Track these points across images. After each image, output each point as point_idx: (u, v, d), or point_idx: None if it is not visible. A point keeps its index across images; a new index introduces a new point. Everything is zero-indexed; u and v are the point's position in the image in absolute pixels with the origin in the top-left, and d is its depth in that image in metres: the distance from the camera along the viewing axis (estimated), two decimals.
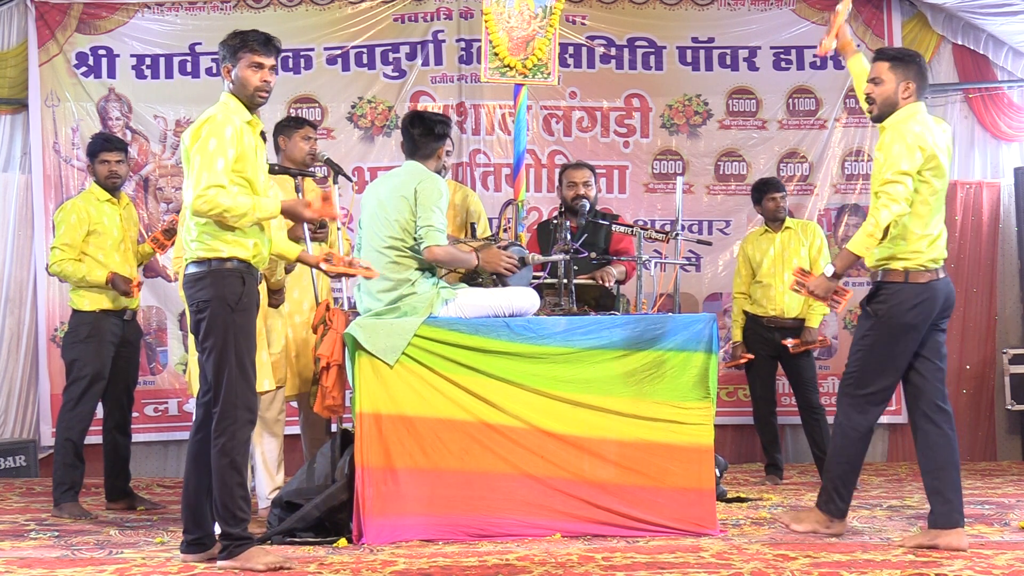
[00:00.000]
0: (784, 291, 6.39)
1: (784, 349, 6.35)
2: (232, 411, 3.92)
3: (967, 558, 4.00)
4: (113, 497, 5.66)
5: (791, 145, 7.51)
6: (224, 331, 3.93)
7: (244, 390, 3.95)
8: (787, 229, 6.49)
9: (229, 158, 3.92)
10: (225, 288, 3.94)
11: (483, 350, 4.55)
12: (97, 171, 5.67)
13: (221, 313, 3.93)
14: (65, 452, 5.42)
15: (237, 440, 3.93)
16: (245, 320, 3.99)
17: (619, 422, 4.58)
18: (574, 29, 7.36)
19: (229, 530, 3.93)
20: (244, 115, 4.05)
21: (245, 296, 3.97)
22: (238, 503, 3.94)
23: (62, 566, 4.07)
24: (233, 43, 4.06)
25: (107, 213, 5.59)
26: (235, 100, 4.06)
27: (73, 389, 5.48)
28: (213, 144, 3.90)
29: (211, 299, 3.94)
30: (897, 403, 7.38)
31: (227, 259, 3.96)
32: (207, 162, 3.89)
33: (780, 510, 5.09)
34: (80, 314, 5.53)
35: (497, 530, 4.48)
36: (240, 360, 3.94)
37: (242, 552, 3.93)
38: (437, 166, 4.80)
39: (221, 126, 3.93)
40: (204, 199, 3.86)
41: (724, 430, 7.02)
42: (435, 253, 4.55)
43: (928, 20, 7.49)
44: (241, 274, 3.98)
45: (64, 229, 5.50)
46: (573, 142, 7.44)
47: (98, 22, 7.22)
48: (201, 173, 3.89)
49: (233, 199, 3.89)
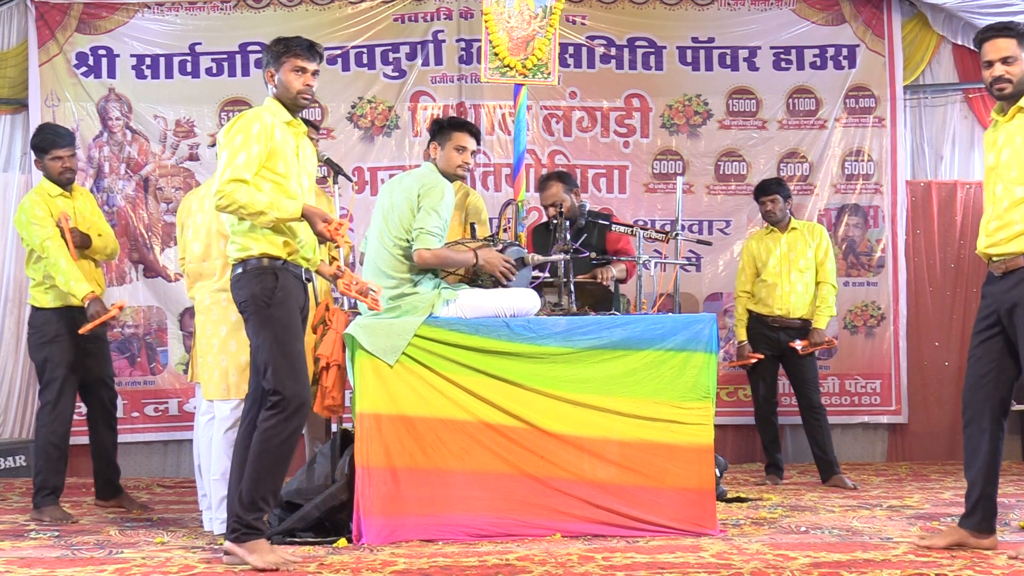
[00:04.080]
0: (790, 291, 6.39)
1: (787, 348, 6.36)
2: (281, 401, 3.95)
3: (967, 558, 4.00)
4: (104, 495, 5.61)
5: (791, 145, 7.51)
6: (263, 327, 3.99)
7: (291, 384, 3.97)
8: (793, 230, 6.48)
9: (253, 154, 3.96)
10: (258, 286, 4.00)
11: (483, 350, 4.55)
12: (49, 167, 5.43)
13: (258, 311, 4.00)
14: (48, 455, 5.32)
15: (284, 432, 3.96)
16: (283, 314, 4.01)
17: (619, 422, 4.58)
18: (574, 29, 7.36)
19: (244, 515, 3.94)
20: (283, 116, 4.11)
21: (280, 291, 4.00)
22: (263, 494, 3.95)
23: (62, 566, 4.07)
24: (277, 48, 4.13)
25: (60, 208, 5.40)
26: (277, 103, 4.14)
27: (49, 391, 5.35)
28: (239, 140, 3.97)
29: (248, 298, 4.01)
30: (897, 403, 7.41)
31: (258, 257, 4.02)
32: (230, 157, 3.96)
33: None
34: (42, 312, 5.38)
35: (497, 530, 4.48)
36: (284, 353, 3.98)
37: (249, 541, 3.93)
38: (448, 167, 4.77)
39: (250, 122, 4.00)
40: (222, 193, 3.93)
41: (724, 430, 7.03)
42: (423, 256, 4.56)
43: (928, 20, 7.49)
44: (274, 270, 4.02)
45: (38, 224, 5.29)
46: (573, 142, 7.44)
47: (98, 22, 7.23)
48: (224, 168, 3.96)
49: (251, 196, 3.92)
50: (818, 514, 5.12)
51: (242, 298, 4.05)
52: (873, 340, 7.43)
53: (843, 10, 7.51)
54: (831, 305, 6.44)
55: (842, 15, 7.52)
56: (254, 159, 3.97)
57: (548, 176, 6.00)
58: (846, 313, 7.43)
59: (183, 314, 7.08)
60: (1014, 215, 4.03)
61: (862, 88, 7.50)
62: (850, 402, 7.42)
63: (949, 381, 7.34)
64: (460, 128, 4.82)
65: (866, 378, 7.43)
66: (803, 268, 6.41)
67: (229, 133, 4.01)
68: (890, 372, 7.42)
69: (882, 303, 7.45)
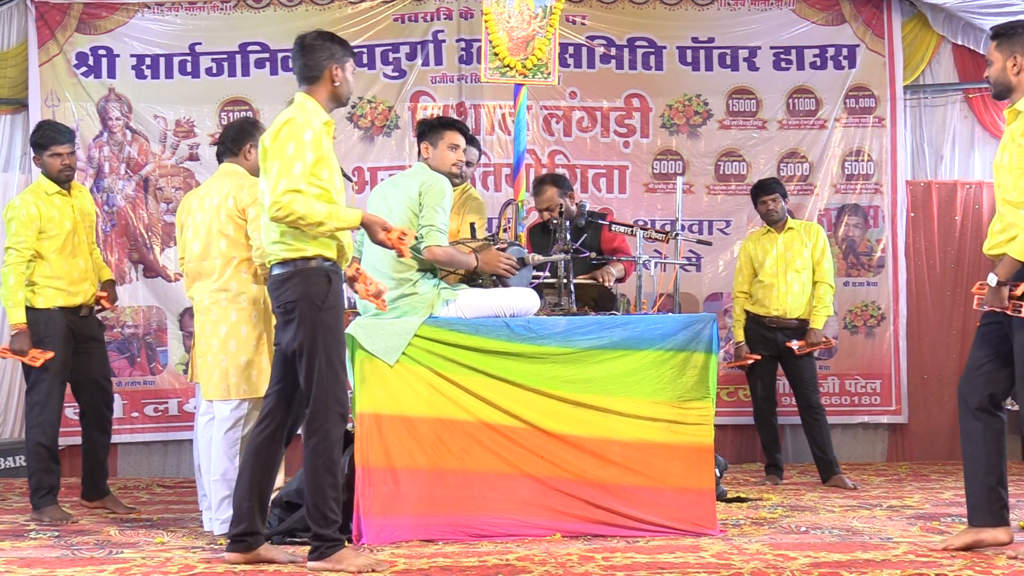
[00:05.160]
0: (787, 291, 6.40)
1: (785, 349, 6.36)
2: (324, 410, 3.91)
3: (967, 558, 4.00)
4: (90, 496, 5.58)
5: (791, 145, 7.51)
6: (313, 331, 3.90)
7: (335, 388, 3.92)
8: (790, 230, 6.48)
9: (308, 162, 3.87)
10: (311, 287, 3.91)
11: (483, 350, 4.55)
12: (48, 164, 5.40)
13: (309, 313, 3.90)
14: (39, 456, 5.30)
15: (330, 439, 3.91)
16: (332, 318, 3.95)
17: (619, 422, 4.58)
18: (574, 29, 7.36)
19: (320, 531, 3.89)
20: (322, 116, 4.03)
21: (331, 295, 3.94)
22: (329, 504, 3.90)
23: (62, 566, 4.07)
24: (344, 47, 4.08)
25: (57, 207, 5.38)
26: (312, 101, 4.04)
27: (37, 392, 5.32)
28: (292, 148, 3.86)
29: (298, 299, 3.90)
30: (897, 403, 7.41)
31: (312, 258, 3.93)
32: (285, 167, 3.84)
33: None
34: (31, 312, 5.31)
35: (497, 530, 4.48)
36: (330, 359, 3.92)
37: (333, 554, 3.89)
38: (442, 167, 4.79)
39: (301, 129, 3.89)
40: (279, 205, 3.82)
41: (724, 430, 7.02)
42: (435, 253, 4.56)
43: (928, 20, 7.49)
44: (327, 272, 3.95)
45: (16, 227, 5.27)
46: (573, 142, 7.44)
47: (98, 22, 7.22)
48: (279, 179, 3.84)
49: (308, 206, 3.83)
50: (818, 514, 5.12)
51: (290, 299, 3.92)
52: (873, 340, 7.43)
53: (843, 10, 7.51)
54: (828, 305, 6.44)
55: (842, 15, 7.52)
56: (308, 168, 3.87)
57: (542, 179, 5.99)
58: (846, 313, 7.43)
59: (183, 314, 7.07)
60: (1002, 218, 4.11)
61: (862, 88, 7.50)
62: (850, 402, 7.42)
63: (949, 381, 7.33)
64: (451, 127, 4.83)
65: (866, 378, 7.43)
66: (799, 268, 6.41)
67: (278, 140, 3.88)
68: (890, 372, 7.42)
69: (882, 303, 7.44)
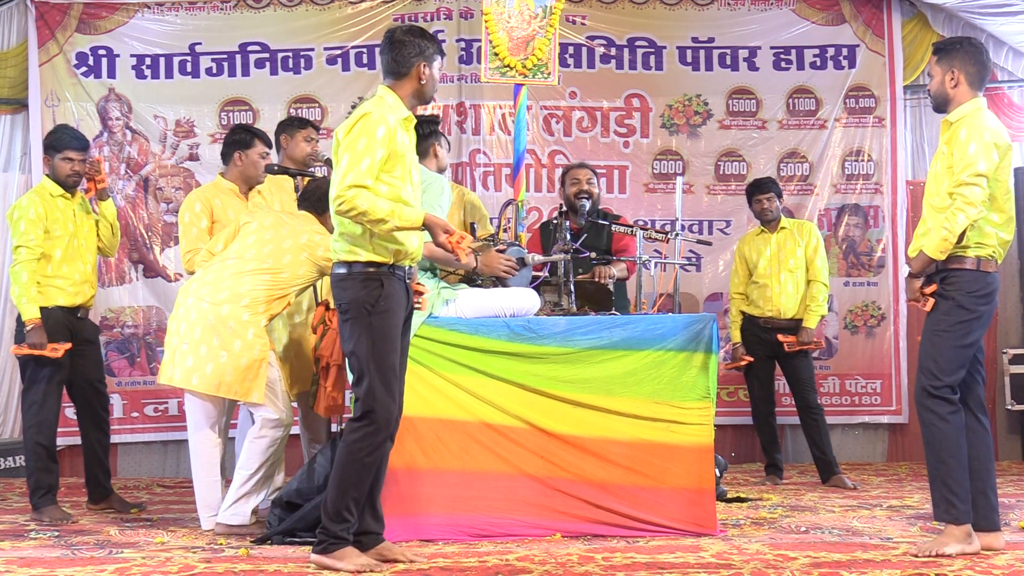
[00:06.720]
0: (780, 291, 6.40)
1: (781, 349, 6.36)
2: (369, 413, 3.89)
3: (967, 558, 4.00)
4: (95, 499, 5.57)
5: (791, 145, 7.51)
6: (361, 334, 3.88)
7: (382, 394, 3.89)
8: (783, 229, 6.49)
9: (377, 158, 3.84)
10: (362, 291, 3.89)
11: (483, 350, 4.55)
12: (57, 167, 5.40)
13: (359, 316, 3.89)
14: (38, 456, 5.29)
15: (368, 443, 3.89)
16: (383, 323, 3.91)
17: (619, 422, 4.58)
18: (574, 29, 7.36)
19: (330, 527, 3.91)
20: (400, 112, 3.98)
21: (383, 300, 3.90)
22: (348, 504, 3.90)
23: (62, 566, 4.07)
24: (434, 44, 4.05)
25: (60, 208, 5.38)
26: (394, 96, 4.00)
27: (34, 391, 5.30)
28: (362, 143, 3.83)
29: (350, 301, 3.90)
30: (897, 403, 7.41)
31: (366, 263, 3.91)
32: (353, 161, 3.82)
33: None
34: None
35: (497, 530, 4.48)
36: (379, 363, 3.89)
37: (337, 550, 3.90)
38: (436, 165, 4.83)
39: (374, 125, 3.85)
40: (343, 199, 3.80)
41: (724, 430, 7.02)
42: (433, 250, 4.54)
43: (928, 20, 7.49)
44: (380, 277, 3.91)
45: (25, 226, 5.26)
46: (573, 142, 7.44)
47: (98, 22, 7.22)
48: (346, 173, 3.82)
49: (372, 203, 3.80)
50: (818, 514, 5.12)
51: (345, 299, 3.92)
52: (873, 340, 7.43)
53: (843, 10, 7.51)
54: (821, 304, 6.43)
55: (842, 15, 7.52)
56: (376, 164, 3.85)
57: (581, 163, 6.15)
58: (846, 313, 7.43)
59: None
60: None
61: (862, 88, 7.50)
62: (850, 402, 7.42)
63: None
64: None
65: (866, 378, 7.43)
66: (792, 268, 6.41)
67: (350, 135, 3.86)
68: (890, 372, 7.42)
69: (882, 303, 7.45)
